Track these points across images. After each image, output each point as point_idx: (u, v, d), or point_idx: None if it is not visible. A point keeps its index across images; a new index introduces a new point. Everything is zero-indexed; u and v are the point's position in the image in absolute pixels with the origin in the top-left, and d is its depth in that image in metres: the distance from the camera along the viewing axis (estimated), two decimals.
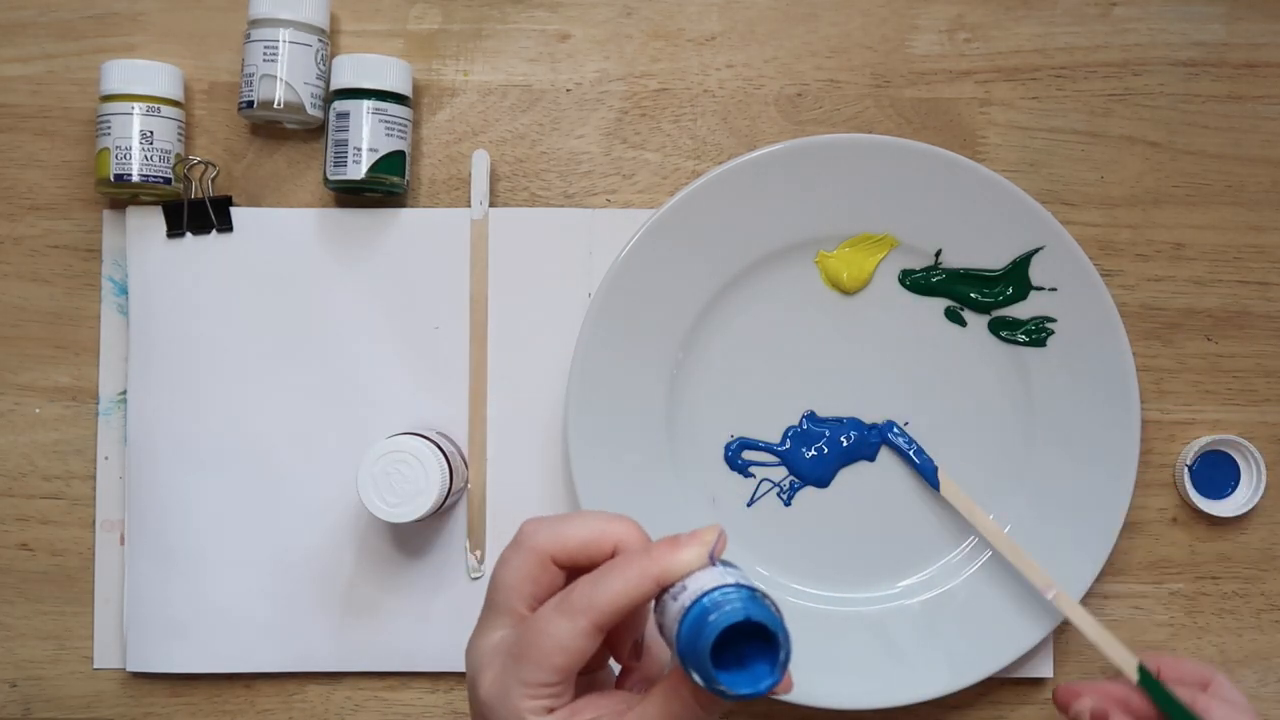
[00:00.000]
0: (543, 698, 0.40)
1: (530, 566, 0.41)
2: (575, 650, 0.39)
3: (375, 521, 0.60)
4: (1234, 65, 0.63)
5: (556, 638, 0.39)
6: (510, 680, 0.40)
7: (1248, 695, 0.62)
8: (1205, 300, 0.63)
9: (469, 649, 0.42)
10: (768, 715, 0.62)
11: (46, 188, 0.62)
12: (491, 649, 0.41)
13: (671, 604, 0.39)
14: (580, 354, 0.59)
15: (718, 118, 0.63)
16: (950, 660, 0.60)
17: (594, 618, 0.39)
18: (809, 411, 0.61)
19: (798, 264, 0.60)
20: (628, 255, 0.58)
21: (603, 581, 0.40)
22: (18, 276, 0.62)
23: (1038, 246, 0.59)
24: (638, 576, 0.39)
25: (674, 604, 0.39)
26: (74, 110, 0.62)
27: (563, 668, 0.39)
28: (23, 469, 0.62)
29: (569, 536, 0.41)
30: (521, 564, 0.41)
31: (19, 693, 0.62)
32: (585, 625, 0.39)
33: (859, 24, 0.63)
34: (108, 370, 0.62)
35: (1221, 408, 0.63)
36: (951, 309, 0.61)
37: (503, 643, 0.41)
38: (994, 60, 0.63)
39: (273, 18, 0.59)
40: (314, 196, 0.62)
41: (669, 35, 0.63)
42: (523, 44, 0.63)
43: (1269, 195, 0.63)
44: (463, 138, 0.62)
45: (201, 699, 0.62)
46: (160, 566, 0.61)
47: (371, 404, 0.61)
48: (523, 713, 0.40)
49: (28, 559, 0.62)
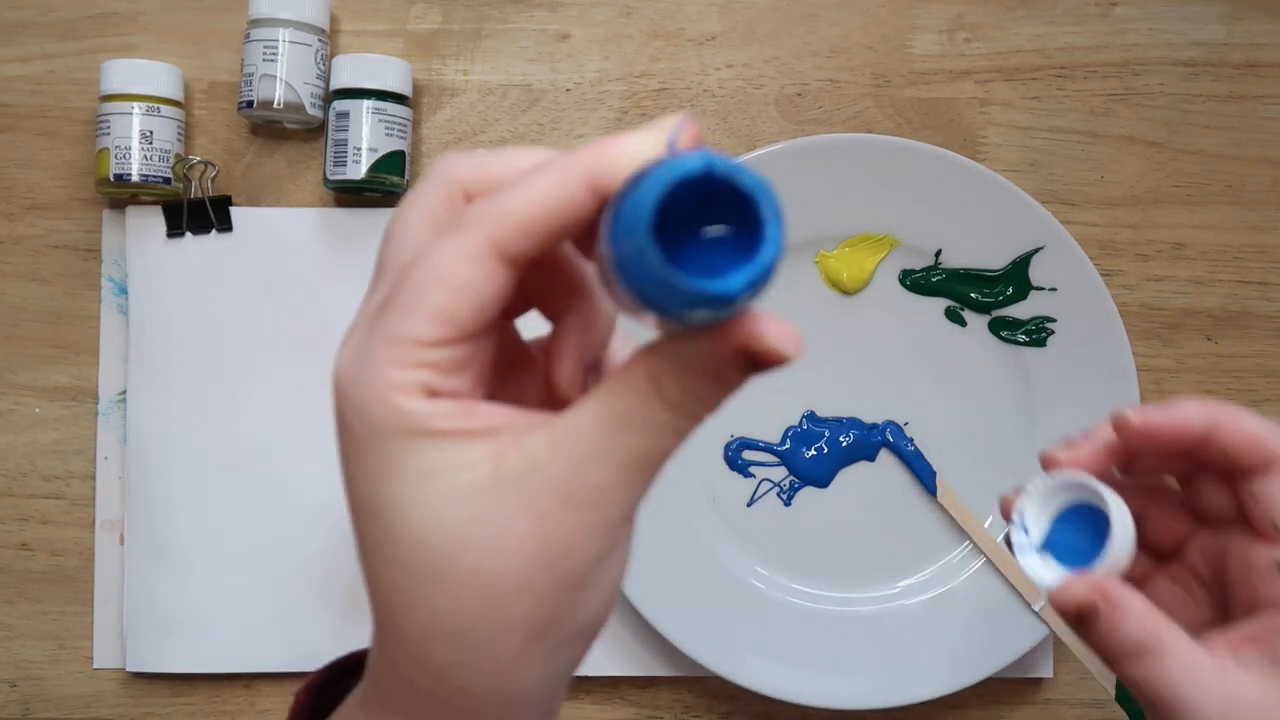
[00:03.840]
0: (418, 367, 0.26)
1: (438, 206, 0.27)
2: (464, 285, 0.25)
3: None
4: (1234, 65, 0.63)
5: (438, 266, 0.25)
6: (373, 343, 0.26)
7: None
8: (1205, 300, 0.63)
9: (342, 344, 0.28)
10: (768, 715, 0.62)
11: (46, 188, 0.62)
12: (360, 319, 0.28)
13: None
14: None
15: (718, 118, 0.62)
16: (950, 660, 0.60)
17: (493, 231, 0.25)
18: (809, 411, 0.61)
19: (798, 264, 0.60)
20: None
21: (512, 187, 0.26)
22: (18, 276, 0.62)
23: (1038, 246, 0.59)
24: (560, 174, 0.25)
25: None
26: (74, 110, 0.62)
27: (444, 311, 0.25)
28: (23, 469, 0.62)
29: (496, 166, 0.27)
30: (428, 202, 0.27)
31: (19, 693, 0.62)
32: (479, 243, 0.25)
33: (859, 24, 0.63)
34: (107, 370, 0.62)
35: None
36: (951, 309, 0.61)
37: (369, 306, 0.27)
38: (994, 60, 0.63)
39: (272, 18, 0.59)
40: (314, 196, 0.62)
41: (669, 35, 0.63)
42: (523, 44, 0.63)
43: (1269, 195, 0.63)
44: (463, 138, 0.62)
45: (201, 699, 0.62)
46: (160, 566, 0.61)
47: None
48: (386, 390, 0.26)
49: (28, 559, 0.62)
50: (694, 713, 0.62)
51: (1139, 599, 0.35)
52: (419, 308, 0.25)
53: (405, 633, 0.27)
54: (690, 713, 0.62)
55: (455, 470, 0.26)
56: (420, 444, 0.26)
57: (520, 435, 0.26)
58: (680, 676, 0.61)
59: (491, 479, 0.26)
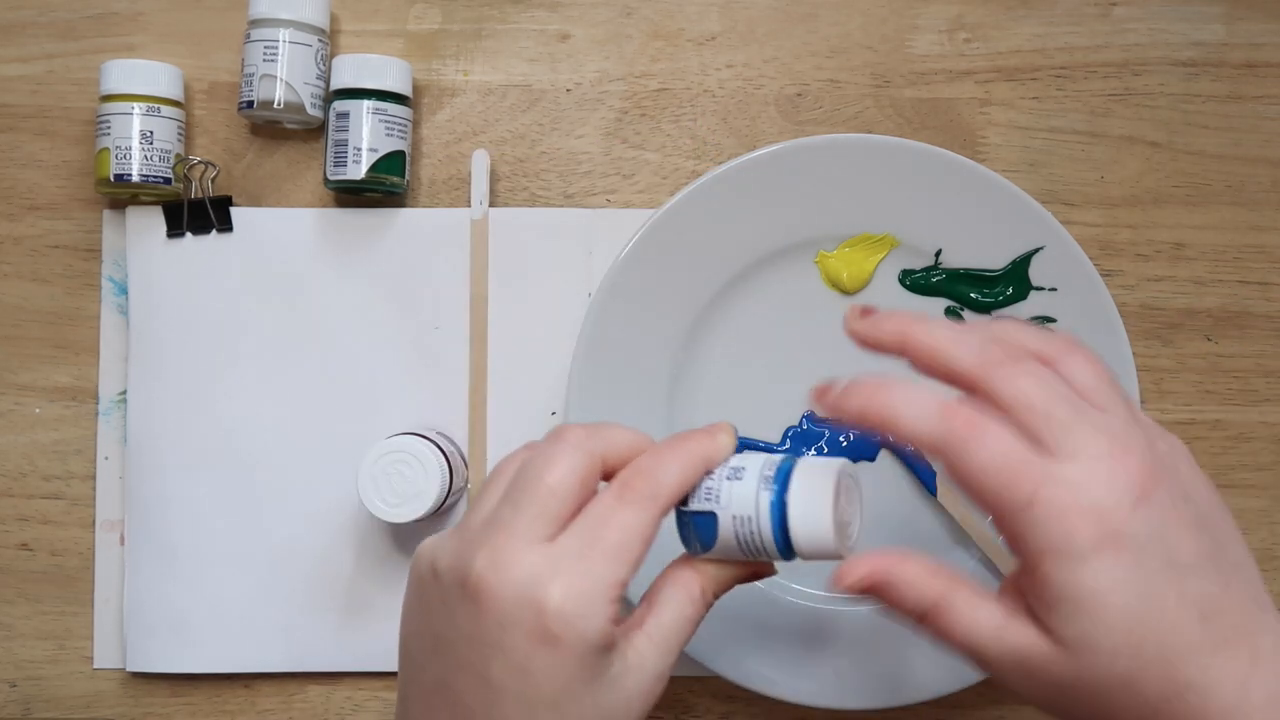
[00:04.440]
0: (617, 600, 0.37)
1: (588, 472, 0.38)
2: (649, 541, 0.37)
3: (375, 521, 0.60)
4: (1234, 65, 0.63)
5: (633, 529, 0.37)
6: (595, 585, 0.36)
7: None
8: (1205, 300, 0.63)
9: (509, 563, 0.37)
10: (768, 714, 0.62)
11: (46, 188, 0.62)
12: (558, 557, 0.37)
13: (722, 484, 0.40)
14: (580, 354, 0.59)
15: (718, 118, 0.63)
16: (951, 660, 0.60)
17: (663, 504, 0.37)
18: (809, 411, 0.61)
19: (798, 264, 0.60)
20: (628, 255, 0.58)
21: (661, 467, 0.38)
22: (18, 276, 0.62)
23: (1038, 246, 0.59)
24: (690, 458, 0.38)
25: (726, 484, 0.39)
26: (74, 110, 0.62)
27: (637, 561, 0.37)
28: (23, 469, 0.62)
29: (618, 441, 0.39)
30: (579, 467, 0.38)
31: (19, 693, 0.62)
32: (656, 513, 0.37)
33: (859, 24, 0.63)
34: (108, 370, 0.62)
35: (1221, 408, 0.63)
36: (951, 309, 0.61)
37: (564, 549, 0.37)
38: (994, 60, 0.63)
39: (273, 18, 0.59)
40: (314, 196, 0.62)
41: (669, 35, 0.63)
42: (523, 44, 0.63)
43: (1269, 195, 0.63)
44: (463, 138, 0.62)
45: (201, 699, 0.62)
46: (160, 566, 0.61)
47: (371, 404, 0.61)
48: (605, 620, 0.36)
49: (28, 559, 0.62)
50: (694, 713, 0.62)
51: (916, 566, 0.39)
52: (628, 560, 0.37)
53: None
54: (690, 713, 0.62)
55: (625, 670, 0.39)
56: (612, 654, 0.38)
57: (627, 634, 0.39)
58: (680, 676, 0.61)
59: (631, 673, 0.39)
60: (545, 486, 0.37)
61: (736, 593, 0.46)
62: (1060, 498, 0.36)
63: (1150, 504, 0.36)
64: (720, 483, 0.40)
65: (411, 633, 0.42)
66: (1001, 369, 0.38)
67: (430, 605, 0.39)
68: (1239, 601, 0.37)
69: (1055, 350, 0.40)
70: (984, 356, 0.38)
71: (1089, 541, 0.36)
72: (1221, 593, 0.36)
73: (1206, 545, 0.37)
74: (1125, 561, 0.36)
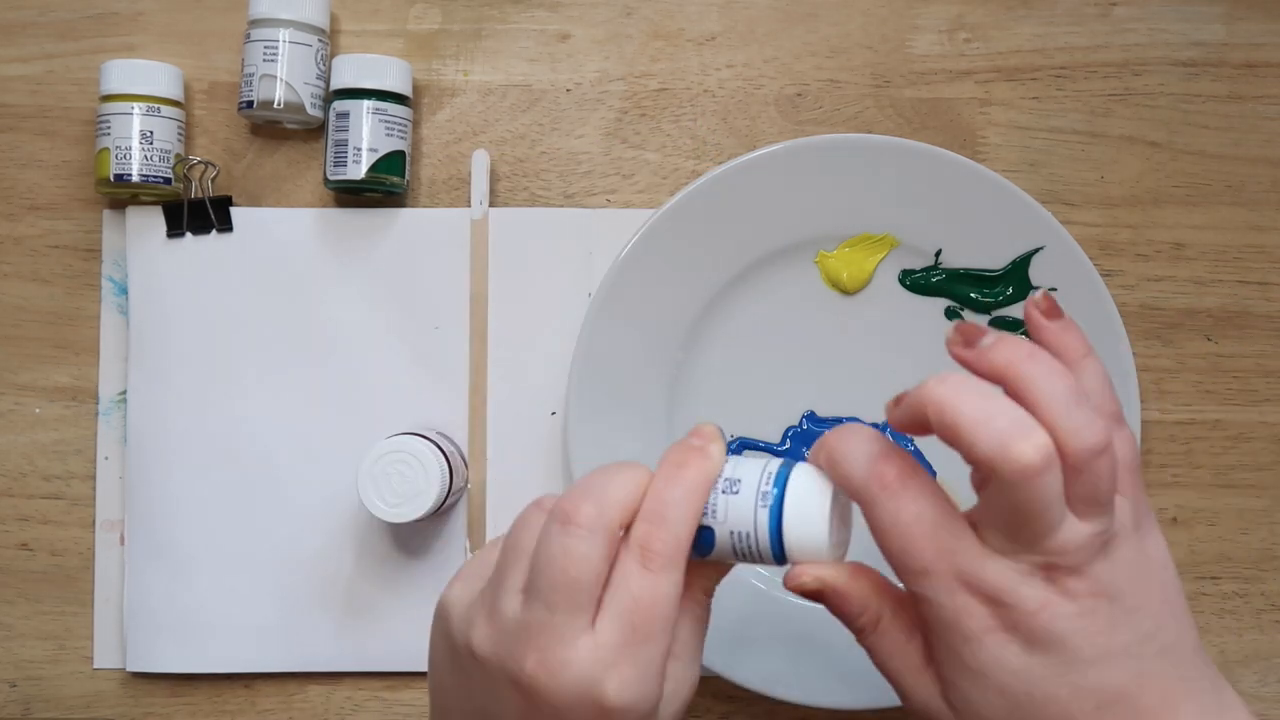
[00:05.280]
0: (665, 664, 0.38)
1: (608, 549, 0.38)
2: (679, 599, 0.37)
3: (375, 521, 0.60)
4: (1234, 65, 0.63)
5: (665, 599, 0.37)
6: (646, 669, 0.37)
7: (1247, 696, 0.62)
8: (1205, 300, 0.63)
9: (560, 666, 0.37)
10: (769, 714, 0.62)
11: (46, 188, 0.62)
12: (604, 648, 0.37)
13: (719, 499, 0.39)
14: (580, 354, 0.59)
15: (718, 118, 0.63)
16: None
17: (684, 557, 0.37)
18: (809, 411, 0.61)
19: (798, 264, 0.60)
20: (628, 255, 0.58)
21: (673, 513, 0.38)
22: (18, 276, 0.62)
23: (1038, 246, 0.59)
24: (695, 493, 0.38)
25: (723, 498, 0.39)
26: (74, 110, 0.62)
27: (674, 620, 0.38)
28: (23, 469, 0.62)
29: (626, 503, 0.38)
30: (600, 552, 0.37)
31: (19, 693, 0.62)
32: (680, 571, 0.37)
33: (859, 24, 0.63)
34: (108, 370, 0.62)
35: (1221, 408, 0.63)
36: (951, 309, 0.61)
37: (607, 639, 0.37)
38: (994, 60, 0.63)
39: (273, 18, 0.59)
40: (314, 196, 0.62)
41: (669, 35, 0.63)
42: (523, 44, 0.63)
43: (1269, 195, 0.63)
44: (463, 138, 0.62)
45: (201, 699, 0.62)
46: (160, 566, 0.61)
47: (371, 404, 0.61)
48: (658, 690, 0.37)
49: (28, 559, 0.62)
50: (694, 713, 0.62)
51: (864, 581, 0.41)
52: (667, 629, 0.37)
53: None
54: (690, 713, 0.62)
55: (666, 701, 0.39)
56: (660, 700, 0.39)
57: None
58: None
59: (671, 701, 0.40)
60: (572, 581, 0.37)
61: (737, 593, 0.46)
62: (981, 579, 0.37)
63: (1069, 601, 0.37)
64: (717, 497, 0.40)
65: (446, 690, 0.42)
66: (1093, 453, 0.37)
67: (472, 682, 0.40)
68: (1158, 684, 0.38)
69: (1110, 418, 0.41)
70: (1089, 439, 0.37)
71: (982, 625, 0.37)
72: (1131, 680, 0.37)
73: (1123, 639, 0.37)
74: (1015, 649, 0.37)
